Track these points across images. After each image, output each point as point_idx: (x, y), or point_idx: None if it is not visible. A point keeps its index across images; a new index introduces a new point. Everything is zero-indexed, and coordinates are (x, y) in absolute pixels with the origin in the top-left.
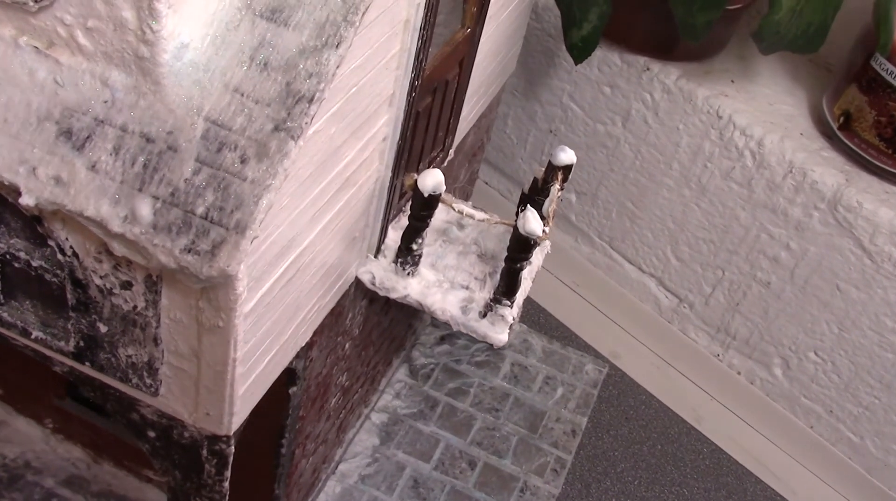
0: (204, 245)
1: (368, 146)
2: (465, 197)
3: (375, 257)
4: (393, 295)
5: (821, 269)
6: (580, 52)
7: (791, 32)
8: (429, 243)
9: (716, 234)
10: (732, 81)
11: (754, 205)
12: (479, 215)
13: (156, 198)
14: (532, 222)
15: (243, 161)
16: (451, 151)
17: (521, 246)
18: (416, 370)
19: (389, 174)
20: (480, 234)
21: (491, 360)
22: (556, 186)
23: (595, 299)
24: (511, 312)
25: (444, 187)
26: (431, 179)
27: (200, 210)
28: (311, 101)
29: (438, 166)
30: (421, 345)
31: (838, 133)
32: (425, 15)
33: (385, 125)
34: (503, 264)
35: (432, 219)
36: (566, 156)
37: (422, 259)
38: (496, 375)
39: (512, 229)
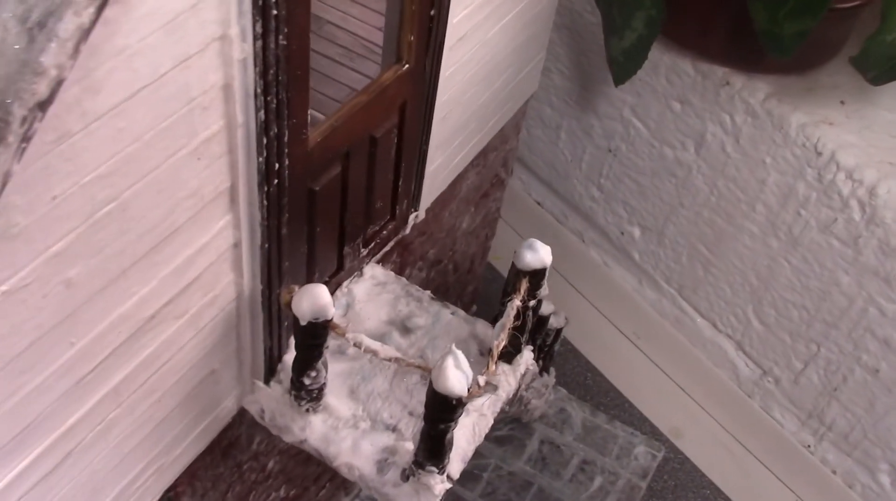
0: None
1: (195, 263)
2: (486, 238)
3: (267, 383)
4: (287, 438)
5: None
6: (621, 69)
7: None
8: (356, 357)
9: (810, 299)
10: (842, 103)
11: (861, 270)
12: (386, 351)
13: None
14: (451, 377)
15: None
16: (421, 212)
17: (441, 405)
18: None
19: (260, 286)
20: (435, 341)
21: (516, 435)
22: (516, 301)
23: (658, 357)
24: (440, 479)
25: (332, 311)
26: (309, 303)
27: None
28: None
29: (389, 240)
30: None
31: None
32: (267, 72)
33: (229, 228)
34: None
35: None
36: (534, 257)
37: (327, 389)
38: (519, 456)
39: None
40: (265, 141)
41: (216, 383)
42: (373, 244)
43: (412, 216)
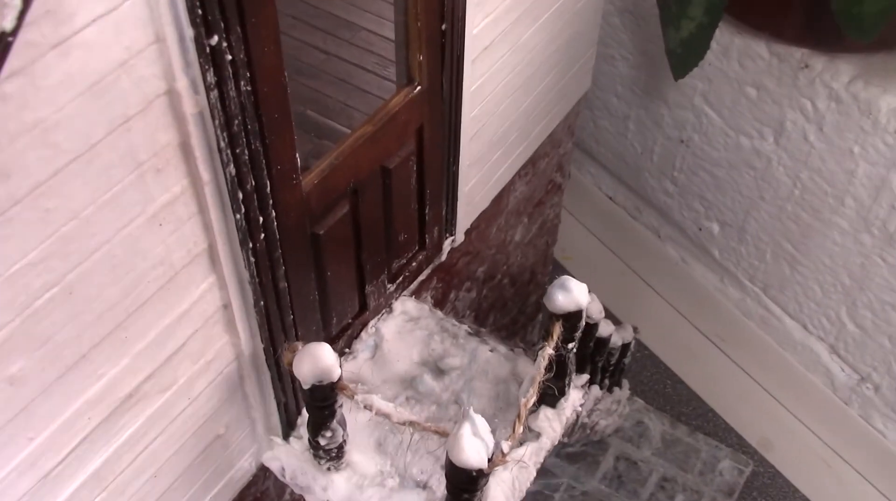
0: None
1: (177, 333)
2: (547, 246)
3: (286, 438)
4: (310, 498)
5: None
6: (679, 62)
7: None
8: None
9: None
10: None
11: None
12: (400, 415)
13: None
14: (467, 448)
15: None
16: (459, 236)
17: (460, 478)
18: None
19: (262, 344)
20: (471, 383)
21: (589, 452)
22: (548, 349)
23: (744, 361)
24: None
25: (337, 372)
26: (310, 366)
27: None
28: None
29: (421, 271)
30: None
31: None
32: (230, 123)
33: (214, 290)
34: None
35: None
36: (567, 298)
37: (352, 442)
38: (593, 474)
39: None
40: (241, 196)
41: (225, 447)
42: (401, 278)
43: (447, 242)
